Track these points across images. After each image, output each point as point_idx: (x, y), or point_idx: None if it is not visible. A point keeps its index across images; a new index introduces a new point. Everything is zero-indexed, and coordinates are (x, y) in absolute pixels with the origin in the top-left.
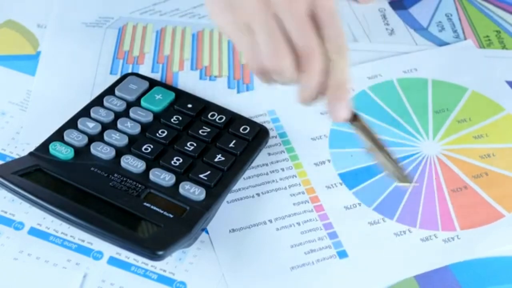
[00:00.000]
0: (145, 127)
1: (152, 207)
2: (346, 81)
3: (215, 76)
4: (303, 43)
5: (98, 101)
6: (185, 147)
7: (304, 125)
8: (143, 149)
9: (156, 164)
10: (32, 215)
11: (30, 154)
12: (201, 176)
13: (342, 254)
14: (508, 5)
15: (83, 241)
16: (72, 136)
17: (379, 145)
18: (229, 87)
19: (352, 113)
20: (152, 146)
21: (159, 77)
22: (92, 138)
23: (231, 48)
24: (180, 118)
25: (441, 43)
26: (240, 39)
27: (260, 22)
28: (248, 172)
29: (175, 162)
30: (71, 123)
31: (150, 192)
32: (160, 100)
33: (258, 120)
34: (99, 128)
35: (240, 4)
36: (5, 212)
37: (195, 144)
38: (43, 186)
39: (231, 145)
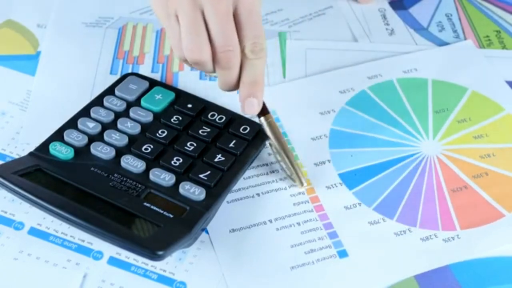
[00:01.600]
0: (145, 127)
1: (152, 207)
2: (261, 79)
3: (215, 76)
4: (222, 42)
5: (98, 101)
6: (185, 147)
7: (304, 125)
8: (143, 149)
9: (156, 164)
10: (32, 215)
11: (30, 154)
12: (201, 176)
13: (342, 254)
14: (508, 5)
15: (83, 241)
16: (72, 136)
17: (283, 145)
18: None
19: (265, 109)
20: (152, 146)
21: (159, 77)
22: (92, 138)
23: None
24: (180, 118)
25: (441, 43)
26: (168, 27)
27: (185, 14)
28: (248, 172)
29: (175, 162)
30: (71, 123)
31: (150, 192)
32: (160, 100)
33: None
34: (99, 128)
35: None
36: (5, 212)
37: (195, 144)
38: (43, 186)
39: (231, 145)
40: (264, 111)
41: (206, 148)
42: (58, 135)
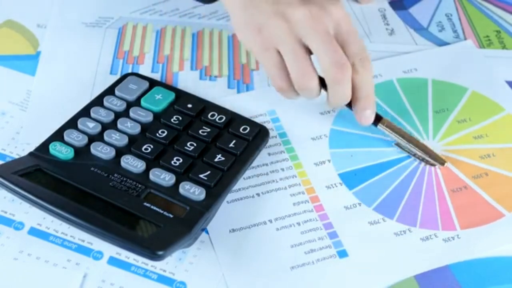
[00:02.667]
0: (145, 127)
1: (152, 207)
2: (372, 91)
3: (215, 76)
4: (333, 58)
5: (98, 101)
6: (185, 147)
7: (304, 125)
8: (143, 149)
9: (156, 164)
10: (32, 215)
11: (30, 154)
12: (201, 176)
13: (342, 254)
14: (508, 5)
15: (83, 241)
16: (72, 136)
17: (407, 138)
18: (229, 87)
19: (377, 116)
20: (152, 146)
21: (159, 77)
22: (92, 138)
23: (231, 48)
24: (180, 118)
25: (441, 43)
26: (266, 58)
27: (287, 45)
28: (248, 172)
29: (175, 162)
30: (71, 123)
31: (150, 192)
32: (160, 100)
33: (258, 120)
34: (99, 128)
35: (267, 29)
36: (5, 212)
37: (195, 144)
38: (43, 186)
39: (231, 145)
40: (378, 118)
41: (206, 148)
42: (58, 135)
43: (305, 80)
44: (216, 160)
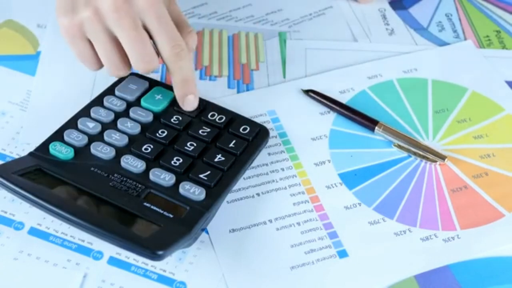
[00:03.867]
0: (145, 127)
1: (152, 207)
2: (190, 76)
3: (215, 76)
4: (137, 56)
5: (98, 101)
6: (185, 147)
7: (304, 125)
8: (143, 149)
9: (156, 164)
10: (32, 215)
11: (30, 154)
12: (201, 176)
13: (342, 254)
14: (508, 5)
15: (83, 241)
16: (72, 136)
17: (407, 139)
18: (229, 87)
19: (372, 119)
20: (152, 146)
21: (159, 77)
22: (92, 138)
23: (231, 48)
24: (180, 118)
25: (441, 43)
26: (76, 47)
27: (95, 34)
28: (248, 172)
29: (175, 162)
30: (71, 123)
31: (150, 192)
32: (160, 100)
33: (258, 120)
34: (99, 128)
35: (77, 11)
36: (5, 212)
37: (195, 144)
38: (43, 186)
39: (231, 145)
40: (374, 122)
41: (206, 148)
42: (58, 135)
43: (113, 71)
44: (216, 160)
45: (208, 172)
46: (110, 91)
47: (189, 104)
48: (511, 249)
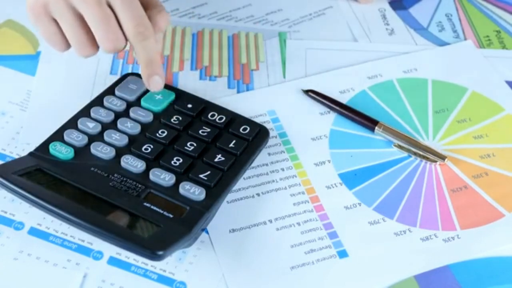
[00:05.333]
0: (145, 127)
1: (152, 207)
2: (155, 56)
3: (215, 76)
4: (102, 34)
5: (98, 101)
6: (185, 147)
7: (304, 125)
8: (143, 149)
9: (156, 164)
10: (32, 215)
11: (30, 154)
12: (201, 176)
13: (342, 254)
14: (508, 5)
15: (83, 241)
16: (72, 136)
17: (407, 139)
18: (229, 87)
19: (372, 120)
20: (152, 146)
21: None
22: (92, 138)
23: (231, 48)
24: (180, 118)
25: (441, 43)
26: (40, 22)
27: (59, 10)
28: (248, 172)
29: (175, 162)
30: (71, 123)
31: (150, 192)
32: (160, 100)
33: (258, 120)
34: (99, 128)
35: None
36: (5, 212)
37: (195, 144)
38: (43, 186)
39: (231, 145)
40: (373, 122)
41: (206, 148)
42: (58, 135)
43: (79, 51)
44: (216, 160)
45: (208, 172)
46: (110, 91)
47: (155, 85)
48: (511, 249)
